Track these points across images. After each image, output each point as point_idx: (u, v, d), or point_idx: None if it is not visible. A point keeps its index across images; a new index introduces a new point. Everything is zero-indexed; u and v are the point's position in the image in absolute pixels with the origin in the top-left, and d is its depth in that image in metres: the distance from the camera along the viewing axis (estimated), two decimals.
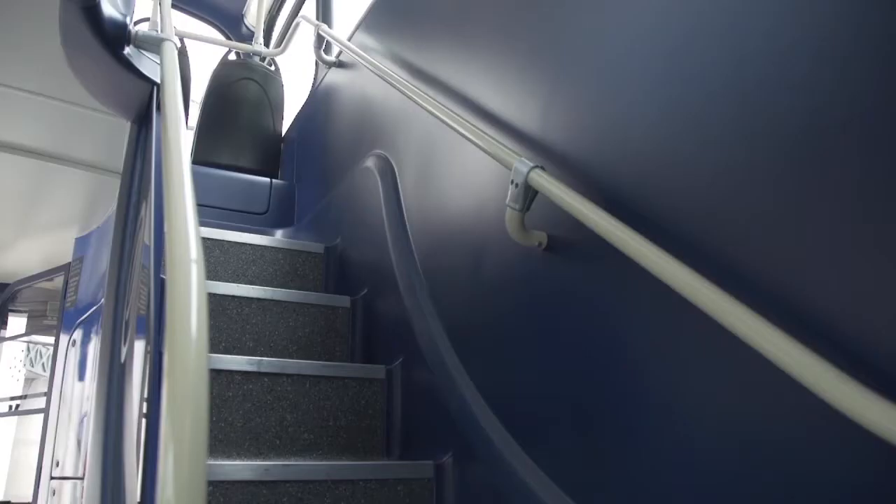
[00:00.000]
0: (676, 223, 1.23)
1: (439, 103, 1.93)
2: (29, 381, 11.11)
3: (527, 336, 1.64)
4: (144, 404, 1.31)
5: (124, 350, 1.41)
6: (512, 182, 1.54)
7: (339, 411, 1.94)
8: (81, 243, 2.97)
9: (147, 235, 1.55)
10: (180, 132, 1.22)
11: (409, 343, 2.00)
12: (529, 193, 1.52)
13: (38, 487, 2.65)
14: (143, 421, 1.29)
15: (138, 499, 1.14)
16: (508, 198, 1.55)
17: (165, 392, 0.71)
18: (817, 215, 1.00)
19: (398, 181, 2.38)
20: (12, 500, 3.34)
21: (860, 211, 0.95)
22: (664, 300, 1.18)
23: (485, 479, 1.64)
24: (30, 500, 3.10)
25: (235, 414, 1.81)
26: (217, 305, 2.09)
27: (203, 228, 1.51)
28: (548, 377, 1.55)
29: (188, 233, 0.91)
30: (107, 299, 1.60)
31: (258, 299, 2.16)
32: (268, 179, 3.71)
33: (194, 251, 0.87)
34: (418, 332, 1.98)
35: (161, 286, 1.40)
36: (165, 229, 0.95)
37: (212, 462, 1.59)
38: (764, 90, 1.11)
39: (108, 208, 2.52)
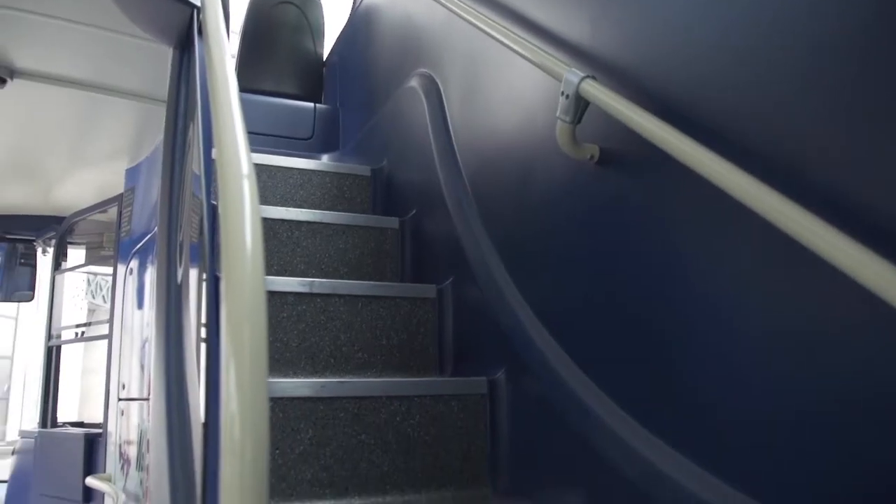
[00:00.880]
0: (737, 131, 1.18)
1: (485, 16, 1.87)
2: (91, 311, 11.55)
3: (579, 251, 1.62)
4: (203, 329, 1.34)
5: (180, 272, 1.43)
6: (562, 94, 1.50)
7: (392, 330, 1.96)
8: (132, 174, 3.01)
9: (196, 162, 1.56)
10: (224, 49, 1.20)
11: (459, 262, 2.00)
12: (580, 105, 1.48)
13: (107, 409, 2.77)
14: (202, 345, 1.32)
15: (203, 415, 1.17)
16: (559, 110, 1.51)
17: (224, 307, 0.71)
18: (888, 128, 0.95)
19: (444, 99, 2.34)
20: (85, 421, 3.50)
21: None
22: (722, 210, 1.14)
23: (538, 394, 1.66)
24: (99, 420, 3.26)
25: (290, 334, 1.85)
26: (268, 229, 2.11)
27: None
28: (601, 292, 1.54)
29: (238, 149, 0.90)
30: (160, 224, 1.62)
31: (307, 222, 2.18)
32: (311, 104, 3.69)
33: (245, 167, 0.87)
34: (468, 250, 1.97)
35: (213, 211, 1.42)
36: (215, 147, 0.94)
37: (269, 380, 1.63)
38: None
39: (157, 137, 2.53)
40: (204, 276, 1.38)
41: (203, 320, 1.32)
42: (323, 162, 3.03)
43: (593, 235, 1.57)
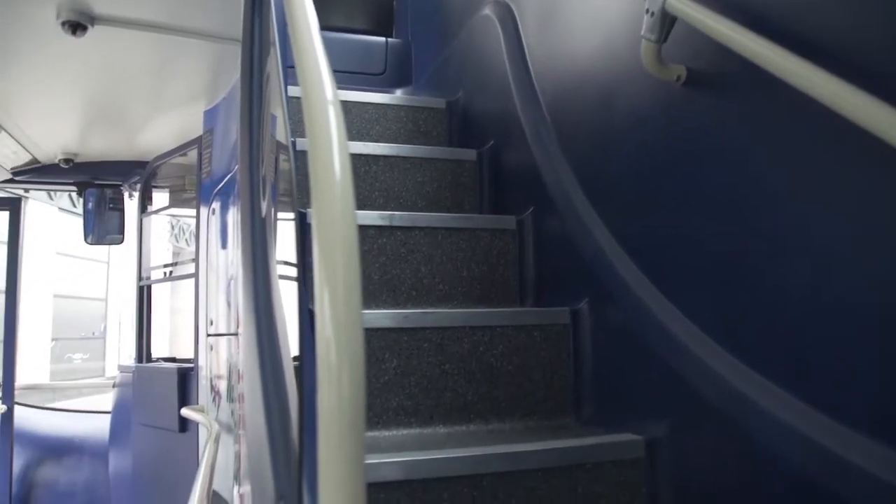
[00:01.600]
0: (850, 48, 1.10)
1: None
2: (175, 254, 12.01)
3: (663, 177, 1.57)
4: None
5: (264, 206, 1.45)
6: (647, 11, 1.43)
7: (472, 262, 1.96)
8: (210, 115, 3.05)
9: (273, 100, 1.56)
10: None
11: (538, 192, 1.97)
12: (666, 22, 1.41)
13: (197, 345, 2.88)
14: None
15: (296, 344, 1.19)
16: (643, 29, 1.44)
17: (316, 234, 0.71)
18: None
19: (519, 26, 2.27)
20: (177, 357, 3.66)
21: None
22: (821, 133, 1.08)
23: (622, 323, 1.64)
24: (189, 356, 3.41)
25: (372, 267, 1.87)
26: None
27: None
28: (686, 217, 1.49)
29: (322, 75, 0.89)
30: (241, 160, 1.64)
31: (384, 156, 2.18)
32: (383, 39, 3.65)
33: (330, 93, 0.85)
34: (548, 179, 1.93)
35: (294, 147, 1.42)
36: (298, 74, 0.93)
37: None
38: None
39: (232, 78, 2.55)
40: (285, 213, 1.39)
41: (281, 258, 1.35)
42: (397, 96, 3.01)
43: (679, 159, 1.52)
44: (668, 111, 1.55)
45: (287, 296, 1.30)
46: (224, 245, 2.65)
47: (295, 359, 1.17)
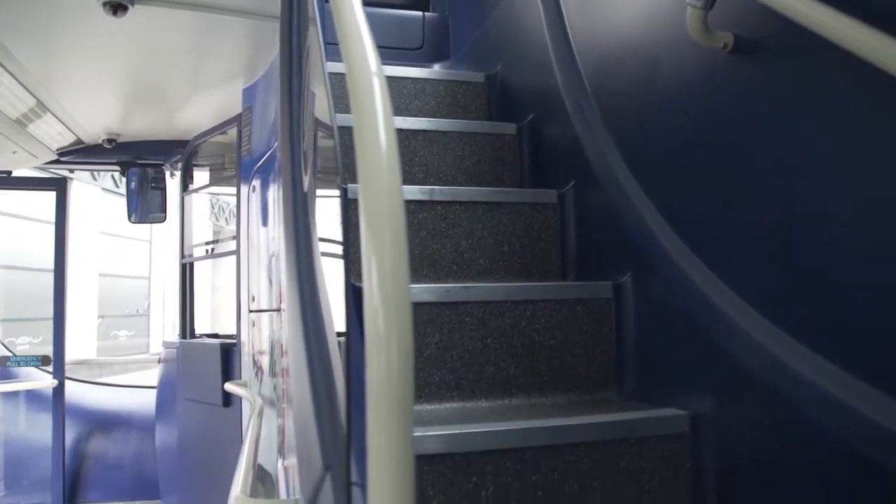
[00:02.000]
0: None
1: None
2: (215, 232, 12.18)
3: (708, 147, 1.54)
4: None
5: (306, 180, 1.45)
6: None
7: (513, 236, 1.95)
8: (249, 93, 3.06)
9: (313, 76, 1.56)
10: None
11: (580, 165, 1.94)
12: None
13: (239, 320, 2.92)
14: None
15: (339, 319, 1.20)
16: None
17: (362, 205, 0.70)
18: None
19: None
20: (219, 333, 3.72)
21: None
22: (878, 102, 1.05)
23: (666, 297, 1.62)
24: (231, 332, 3.46)
25: (412, 242, 1.86)
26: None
27: None
28: (732, 188, 1.46)
29: (365, 46, 0.88)
30: (282, 135, 1.64)
31: (424, 131, 2.17)
32: (420, 13, 3.62)
33: (374, 64, 0.85)
34: (589, 152, 1.91)
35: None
36: (341, 45, 0.92)
37: None
38: None
39: (270, 55, 2.55)
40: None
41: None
42: (435, 70, 2.99)
43: (724, 129, 1.49)
44: (714, 80, 1.52)
45: (326, 272, 1.31)
46: (265, 222, 2.67)
47: (338, 334, 1.17)
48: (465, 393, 1.65)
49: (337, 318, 1.21)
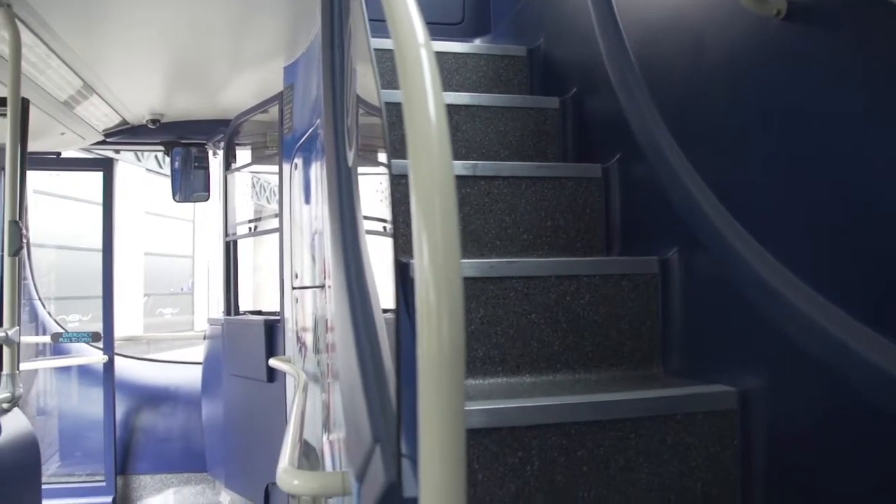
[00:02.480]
0: None
1: None
2: (257, 211, 12.31)
3: (759, 118, 1.50)
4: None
5: (350, 155, 1.45)
6: None
7: (557, 212, 1.93)
8: (290, 71, 3.07)
9: (356, 53, 1.55)
10: None
11: (625, 138, 1.91)
12: None
13: (282, 297, 2.95)
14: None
15: (384, 293, 1.20)
16: None
17: (413, 179, 0.70)
18: None
19: None
20: (262, 310, 3.77)
21: None
22: None
23: (714, 271, 1.59)
24: (273, 310, 3.50)
25: None
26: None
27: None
28: (785, 161, 1.42)
29: (412, 17, 0.87)
30: (325, 110, 1.64)
31: (466, 106, 2.15)
32: None
33: (422, 35, 0.83)
34: (635, 125, 1.88)
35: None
36: (387, 17, 0.91)
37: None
38: None
39: (311, 32, 2.55)
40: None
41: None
42: (476, 45, 2.96)
43: (776, 99, 1.45)
44: (766, 48, 1.47)
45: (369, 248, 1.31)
46: (307, 200, 2.69)
47: (383, 310, 1.17)
48: (510, 368, 1.65)
49: (380, 293, 1.21)
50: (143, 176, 11.89)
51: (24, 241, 2.44)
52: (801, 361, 1.32)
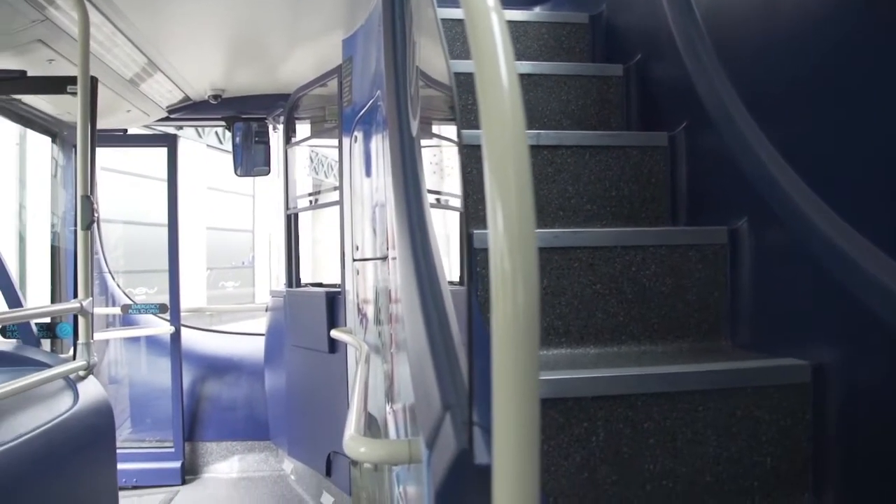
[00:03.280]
0: None
1: None
2: (315, 186, 12.46)
3: (836, 82, 1.44)
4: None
5: (414, 126, 1.45)
6: None
7: (621, 181, 1.90)
8: (349, 44, 3.07)
9: (417, 24, 1.54)
10: None
11: (692, 106, 1.86)
12: None
13: (343, 269, 2.98)
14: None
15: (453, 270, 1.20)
16: None
17: (486, 148, 0.69)
18: None
19: None
20: (323, 282, 3.82)
21: None
22: None
23: (787, 241, 1.54)
24: (331, 282, 3.55)
25: None
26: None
27: (455, 10, 1.46)
28: (862, 127, 1.37)
29: None
30: (387, 81, 1.64)
31: (527, 75, 2.12)
32: None
33: (492, 0, 0.82)
34: (703, 92, 1.82)
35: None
36: None
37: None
38: None
39: (370, 4, 2.55)
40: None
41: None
42: (536, 13, 2.90)
43: (854, 61, 1.39)
44: (844, 8, 1.41)
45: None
46: (368, 173, 2.70)
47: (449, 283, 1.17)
48: (574, 339, 1.64)
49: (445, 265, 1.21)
50: (203, 152, 12.12)
51: (95, 215, 2.51)
52: (881, 333, 1.28)
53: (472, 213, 1.34)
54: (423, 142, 1.46)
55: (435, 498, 0.84)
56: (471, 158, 1.48)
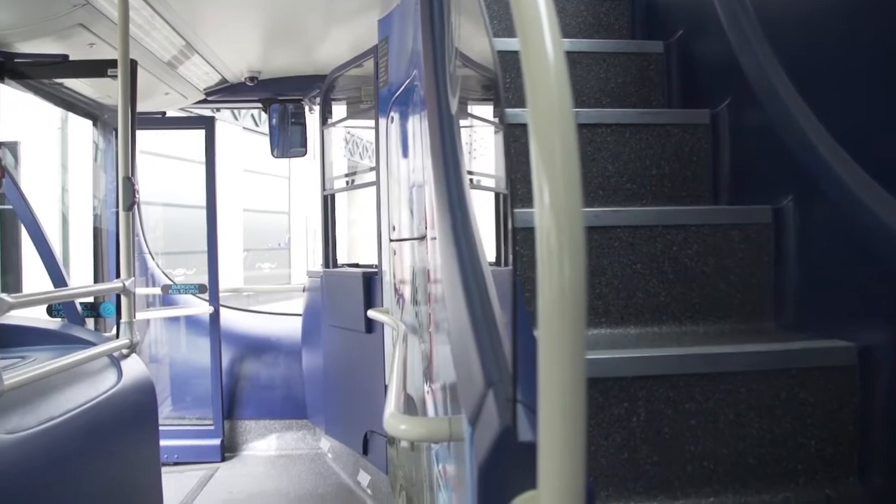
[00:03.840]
0: None
1: None
2: (350, 168, 12.52)
3: (888, 58, 1.39)
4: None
5: (454, 103, 1.43)
6: None
7: (662, 160, 1.87)
8: (385, 24, 3.06)
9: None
10: None
11: (736, 82, 1.82)
12: None
13: (380, 250, 2.99)
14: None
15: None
16: None
17: (532, 121, 0.68)
18: None
19: None
20: (359, 263, 3.84)
21: None
22: None
23: (835, 221, 1.51)
24: (368, 264, 3.56)
25: None
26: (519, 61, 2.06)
27: None
28: None
29: None
30: (425, 59, 1.62)
31: (566, 52, 2.09)
32: None
33: None
34: (747, 67, 1.78)
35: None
36: None
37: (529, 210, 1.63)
38: None
39: None
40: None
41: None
42: None
43: None
44: None
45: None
46: (405, 153, 2.70)
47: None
48: (614, 319, 1.63)
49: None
50: (239, 134, 12.23)
51: (136, 197, 2.55)
52: None
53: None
54: (462, 121, 1.45)
55: (478, 474, 0.84)
56: (510, 137, 1.47)
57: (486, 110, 1.91)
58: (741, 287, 1.65)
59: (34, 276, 3.76)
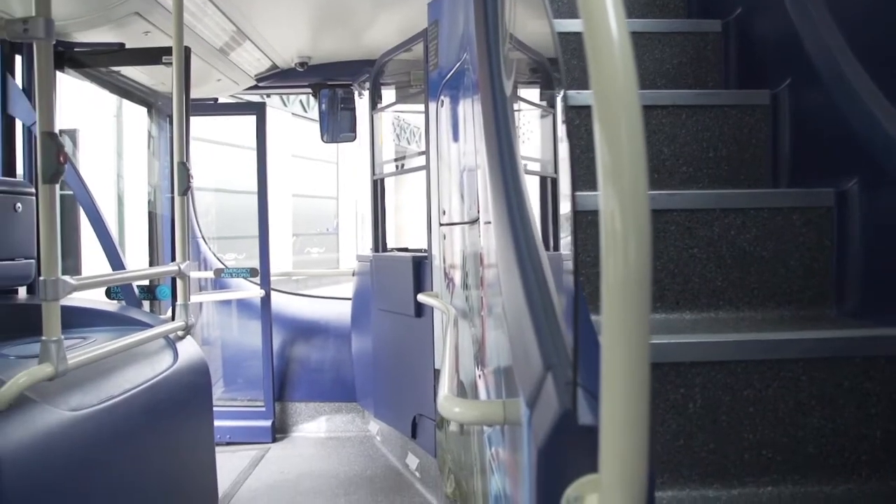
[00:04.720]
0: None
1: None
2: (398, 153, 12.54)
3: None
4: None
5: (508, 84, 1.42)
6: None
7: (719, 142, 1.83)
8: (435, 7, 3.05)
9: None
10: None
11: (798, 61, 1.77)
12: None
13: (430, 234, 3.00)
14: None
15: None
16: None
17: (597, 103, 0.67)
18: None
19: None
20: (408, 248, 3.85)
21: None
22: None
23: None
24: (416, 248, 3.57)
25: None
26: (577, 42, 2.03)
27: None
28: None
29: None
30: (478, 40, 1.61)
31: None
32: None
33: None
34: (809, 46, 1.73)
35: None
36: None
37: (591, 193, 1.62)
38: None
39: None
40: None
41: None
42: None
43: None
44: None
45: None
46: (455, 137, 2.69)
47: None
48: (669, 304, 1.60)
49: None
50: (289, 120, 12.35)
51: (191, 181, 2.59)
52: None
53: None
54: (516, 104, 1.44)
55: (537, 456, 0.83)
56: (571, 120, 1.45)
57: (536, 93, 1.89)
58: (802, 272, 1.61)
59: (90, 261, 3.86)
